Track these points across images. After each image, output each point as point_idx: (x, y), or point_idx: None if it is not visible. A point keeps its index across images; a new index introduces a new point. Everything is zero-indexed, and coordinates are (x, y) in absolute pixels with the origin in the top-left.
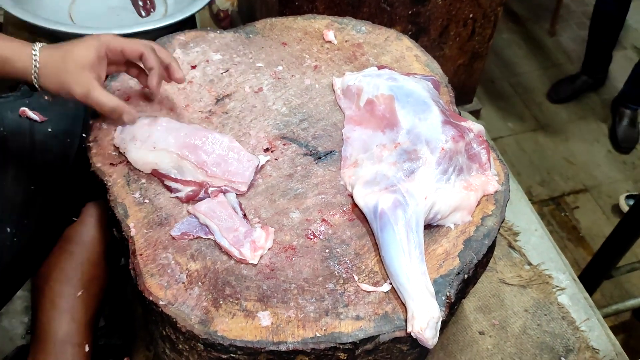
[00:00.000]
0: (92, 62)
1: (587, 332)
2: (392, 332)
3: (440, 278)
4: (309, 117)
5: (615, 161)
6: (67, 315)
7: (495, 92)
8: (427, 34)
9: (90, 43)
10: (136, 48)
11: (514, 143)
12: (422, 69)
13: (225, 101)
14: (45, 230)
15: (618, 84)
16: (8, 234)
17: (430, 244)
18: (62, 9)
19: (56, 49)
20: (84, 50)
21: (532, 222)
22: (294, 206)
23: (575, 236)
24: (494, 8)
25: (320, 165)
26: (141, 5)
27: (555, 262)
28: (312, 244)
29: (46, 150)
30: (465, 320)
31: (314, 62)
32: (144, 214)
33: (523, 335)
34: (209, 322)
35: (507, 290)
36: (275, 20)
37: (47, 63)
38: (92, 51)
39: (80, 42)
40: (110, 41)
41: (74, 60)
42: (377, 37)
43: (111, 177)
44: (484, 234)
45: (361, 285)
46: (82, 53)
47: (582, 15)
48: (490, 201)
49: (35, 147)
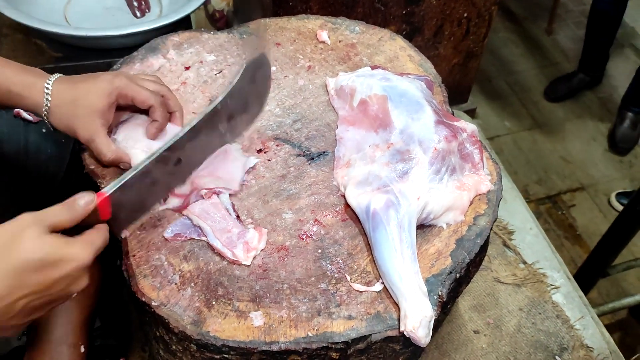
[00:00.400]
0: (103, 110)
1: (581, 330)
2: (384, 332)
3: (432, 277)
4: (302, 118)
5: (611, 160)
6: (62, 316)
7: (492, 91)
8: (421, 33)
9: (103, 88)
10: (146, 100)
11: (510, 142)
12: (416, 68)
13: None
14: None
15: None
16: None
17: (422, 243)
18: (57, 10)
19: (69, 88)
20: (96, 97)
21: (527, 220)
22: (286, 207)
23: (572, 234)
24: (489, 7)
25: (314, 166)
26: (136, 5)
27: (550, 261)
28: (304, 244)
29: (41, 151)
30: (459, 319)
31: (307, 62)
32: None
33: (517, 333)
34: (201, 322)
35: (501, 289)
36: (269, 21)
37: (59, 104)
38: (104, 99)
39: (93, 83)
40: (123, 88)
41: (85, 107)
42: (370, 37)
43: (104, 179)
44: (477, 233)
45: (353, 285)
46: (94, 100)
47: (579, 14)
48: (483, 200)
49: (29, 148)
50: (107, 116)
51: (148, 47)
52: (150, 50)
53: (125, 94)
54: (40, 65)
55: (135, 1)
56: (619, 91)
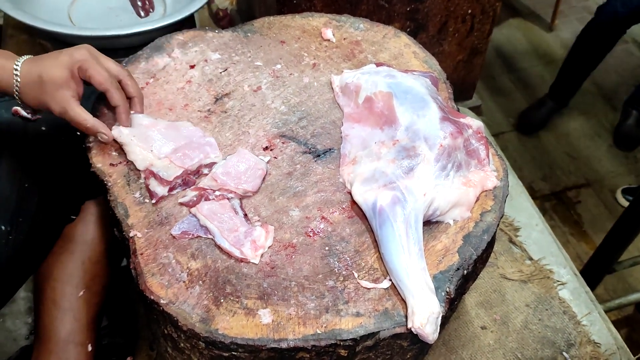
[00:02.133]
0: (66, 81)
1: (588, 326)
2: (392, 329)
3: (439, 274)
4: (307, 115)
5: (616, 155)
6: (69, 314)
7: (496, 88)
8: (425, 30)
9: (63, 60)
10: (103, 83)
11: (515, 138)
12: (421, 65)
13: (224, 100)
14: (43, 228)
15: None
16: (3, 232)
17: (429, 240)
18: (62, 10)
19: (34, 65)
20: (57, 69)
21: (532, 217)
22: (293, 204)
23: (577, 231)
24: (493, 3)
25: (320, 163)
26: (140, 5)
27: (556, 257)
28: (311, 241)
29: (40, 149)
30: (466, 315)
31: (312, 60)
32: (144, 213)
33: (524, 330)
34: (210, 320)
35: (508, 286)
36: (274, 19)
37: (26, 82)
38: (64, 71)
39: (54, 58)
40: (83, 62)
41: (49, 80)
42: (375, 35)
43: (111, 177)
44: (483, 229)
45: (361, 282)
46: (56, 72)
47: (582, 10)
48: (489, 197)
49: (29, 146)
50: (74, 87)
51: (153, 46)
52: (155, 49)
53: (85, 69)
54: None
55: (139, 1)
56: (623, 87)
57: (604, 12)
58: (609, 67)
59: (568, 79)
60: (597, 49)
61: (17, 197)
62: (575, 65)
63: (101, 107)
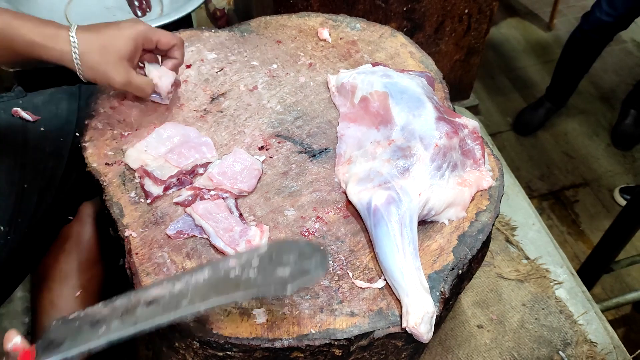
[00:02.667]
0: (131, 54)
1: (584, 325)
2: (386, 328)
3: (434, 274)
4: (303, 115)
5: (614, 154)
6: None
7: (494, 87)
8: (422, 30)
9: (129, 33)
10: (170, 40)
11: (513, 138)
12: (417, 65)
13: (220, 100)
14: (40, 229)
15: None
16: (1, 232)
17: (424, 239)
18: (58, 10)
19: (95, 35)
20: (123, 41)
21: (529, 216)
22: (288, 204)
23: (575, 230)
24: (490, 3)
25: (315, 163)
26: (137, 5)
27: (552, 256)
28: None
29: (39, 150)
30: (463, 315)
31: (308, 59)
32: (140, 213)
33: (521, 329)
34: (204, 320)
35: (504, 285)
36: (270, 19)
37: (87, 52)
38: (131, 43)
39: (118, 30)
40: (147, 32)
41: (115, 52)
42: (371, 34)
43: (106, 177)
44: (478, 229)
45: (355, 281)
46: (122, 45)
47: (581, 9)
48: (485, 196)
49: (28, 147)
50: (134, 60)
51: None
52: None
53: (150, 37)
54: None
55: (136, 0)
56: (621, 86)
57: (588, 20)
58: (607, 66)
59: (562, 81)
60: (585, 56)
61: (16, 198)
62: (567, 69)
63: (97, 108)
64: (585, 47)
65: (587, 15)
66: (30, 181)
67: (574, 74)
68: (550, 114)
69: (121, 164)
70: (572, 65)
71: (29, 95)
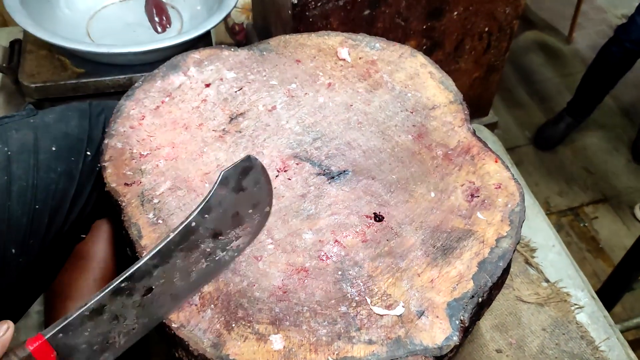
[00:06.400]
0: None
1: (606, 352)
2: (405, 357)
3: (454, 301)
4: (322, 136)
5: (635, 170)
6: None
7: (512, 101)
8: (442, 48)
9: None
10: None
11: (531, 152)
12: (437, 86)
13: (238, 120)
14: (53, 248)
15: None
16: (13, 255)
17: (443, 266)
18: (80, 26)
19: None
20: None
21: (549, 238)
22: (306, 227)
23: (594, 247)
24: (510, 21)
25: (334, 186)
26: (157, 21)
27: (573, 279)
28: (324, 265)
29: (51, 169)
30: (481, 338)
31: (327, 79)
32: (158, 234)
33: (541, 354)
34: (221, 345)
35: (524, 309)
36: (290, 37)
37: None
38: None
39: None
40: None
41: None
42: (391, 54)
43: (125, 197)
44: (499, 255)
45: (374, 308)
46: None
47: (601, 22)
48: (506, 222)
49: (39, 167)
50: None
51: (169, 65)
52: (171, 67)
53: None
54: (63, 81)
55: (156, 16)
56: None
57: (627, 31)
58: (627, 81)
59: (586, 96)
60: (617, 69)
61: (28, 219)
62: (594, 83)
63: (117, 127)
64: (619, 60)
65: (624, 27)
66: (42, 202)
67: (601, 88)
68: (571, 129)
69: (140, 184)
70: (601, 78)
71: (40, 113)
